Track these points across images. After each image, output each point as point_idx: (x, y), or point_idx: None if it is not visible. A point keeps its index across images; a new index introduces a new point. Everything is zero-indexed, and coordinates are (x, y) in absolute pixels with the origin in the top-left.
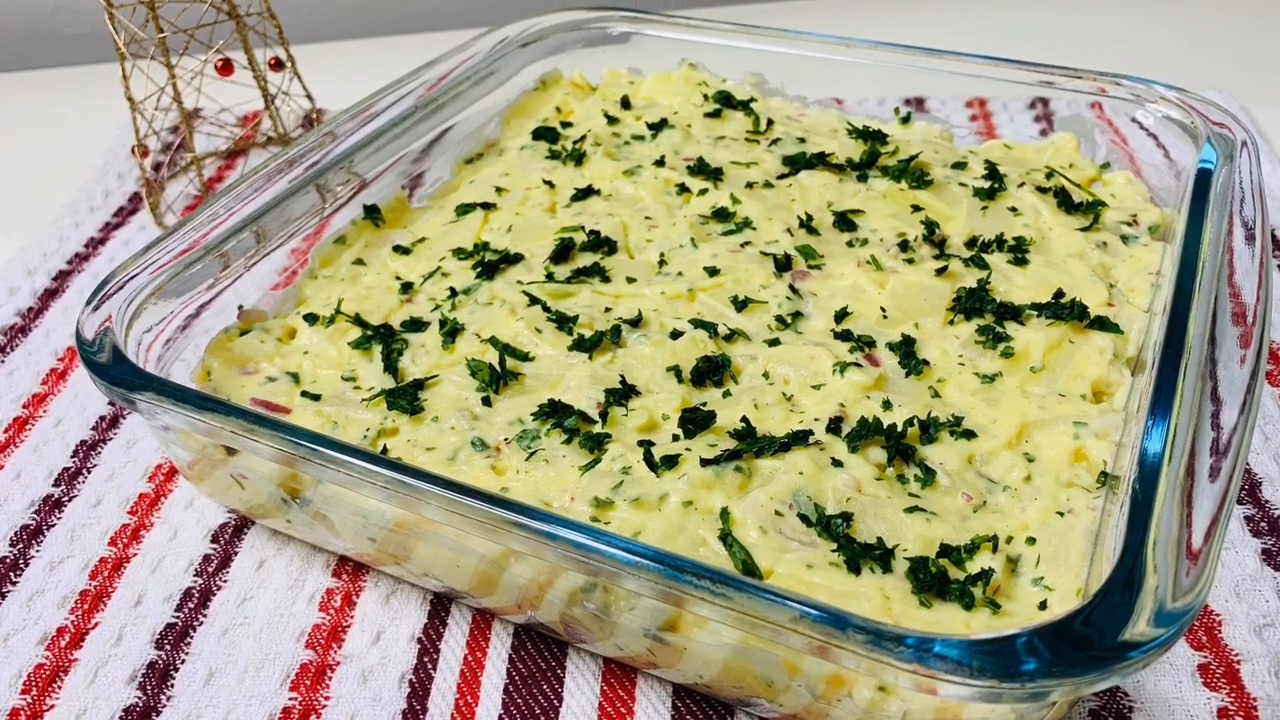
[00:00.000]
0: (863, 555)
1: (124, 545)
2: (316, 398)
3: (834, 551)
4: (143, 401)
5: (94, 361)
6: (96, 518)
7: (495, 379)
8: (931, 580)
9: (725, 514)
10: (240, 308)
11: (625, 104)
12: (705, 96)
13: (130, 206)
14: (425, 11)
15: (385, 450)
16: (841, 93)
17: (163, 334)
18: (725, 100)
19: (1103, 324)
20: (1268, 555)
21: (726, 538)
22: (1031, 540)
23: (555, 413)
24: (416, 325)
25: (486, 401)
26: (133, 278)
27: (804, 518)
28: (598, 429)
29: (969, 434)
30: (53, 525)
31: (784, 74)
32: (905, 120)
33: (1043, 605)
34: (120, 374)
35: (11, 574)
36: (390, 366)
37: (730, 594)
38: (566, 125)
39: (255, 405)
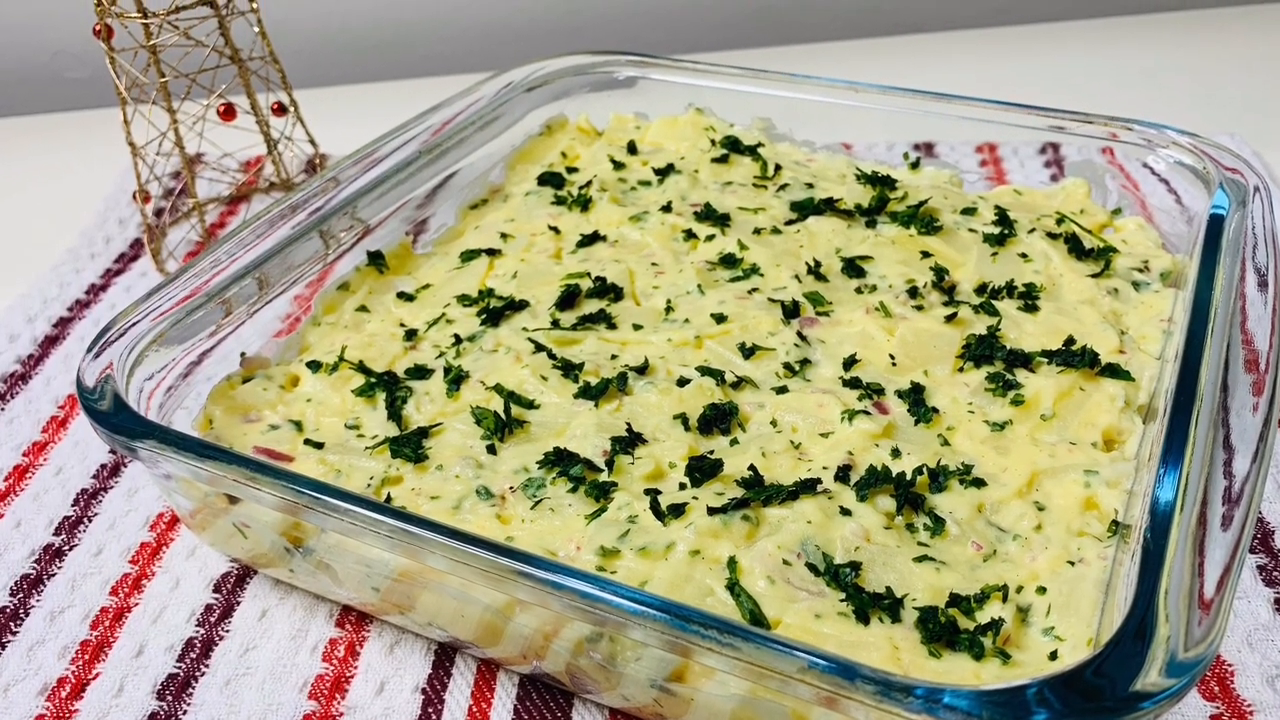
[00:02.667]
0: (871, 605)
1: (125, 595)
2: (320, 445)
3: (842, 601)
4: (144, 450)
5: (95, 409)
6: (98, 567)
7: (500, 427)
8: (941, 630)
9: (733, 563)
10: (243, 355)
11: (631, 149)
12: (712, 141)
13: (132, 253)
14: (430, 55)
15: (389, 499)
16: (850, 138)
17: (164, 381)
18: (732, 145)
19: (1114, 371)
20: None
21: (734, 587)
22: (1042, 590)
23: (561, 461)
24: (421, 372)
25: (491, 449)
26: (134, 324)
27: (812, 567)
28: (604, 477)
29: (979, 482)
30: (53, 574)
31: (792, 119)
32: (914, 165)
33: (1053, 655)
34: (121, 422)
35: (12, 624)
36: (394, 414)
37: (738, 644)
38: (572, 170)
39: (258, 453)
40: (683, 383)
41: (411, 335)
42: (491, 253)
